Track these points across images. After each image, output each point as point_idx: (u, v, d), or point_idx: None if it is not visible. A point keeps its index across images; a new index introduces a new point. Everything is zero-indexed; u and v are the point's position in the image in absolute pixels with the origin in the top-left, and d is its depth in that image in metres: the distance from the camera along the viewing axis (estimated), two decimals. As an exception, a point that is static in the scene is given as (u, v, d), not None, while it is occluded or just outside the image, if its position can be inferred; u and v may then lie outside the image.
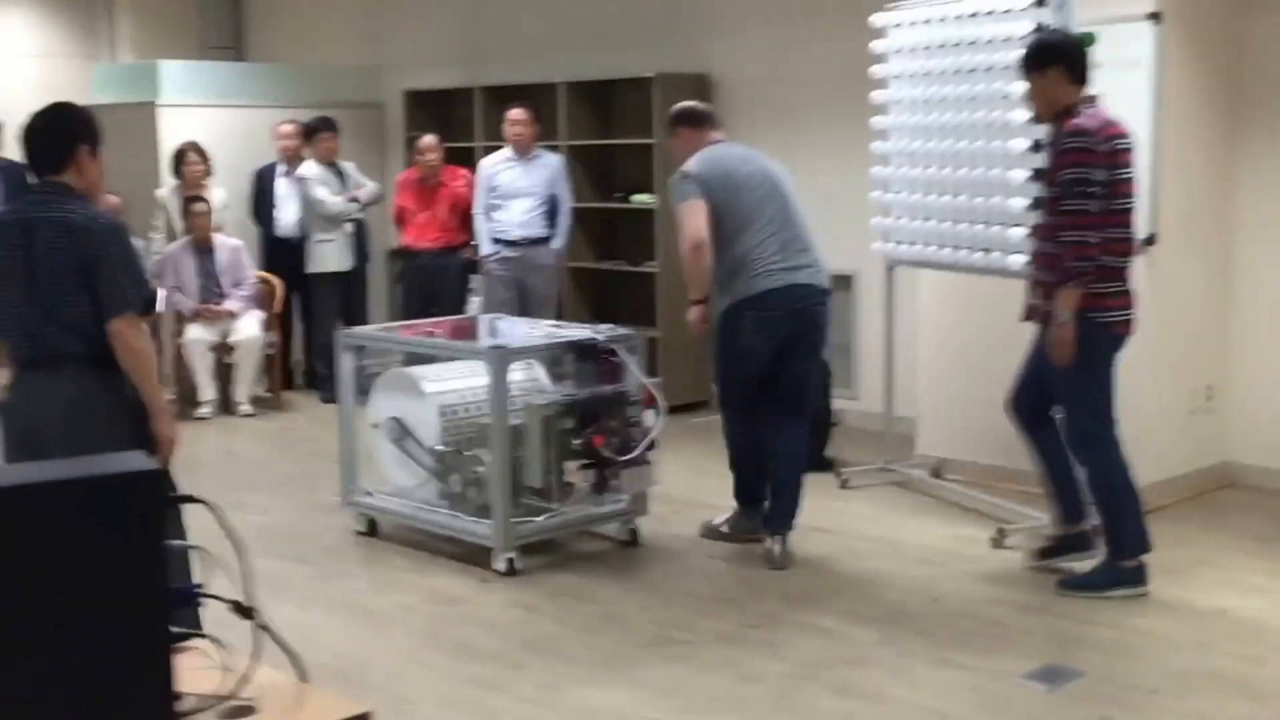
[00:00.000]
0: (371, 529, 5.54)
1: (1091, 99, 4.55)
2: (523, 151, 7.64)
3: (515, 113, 7.62)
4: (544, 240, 7.68)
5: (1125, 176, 4.49)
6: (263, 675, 2.04)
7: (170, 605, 1.84)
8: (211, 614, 2.06)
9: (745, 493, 5.35)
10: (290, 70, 9.96)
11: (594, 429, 5.00)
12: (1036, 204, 4.87)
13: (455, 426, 5.28)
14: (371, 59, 10.05)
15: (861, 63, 6.15)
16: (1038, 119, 4.77)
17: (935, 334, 6.36)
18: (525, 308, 7.46)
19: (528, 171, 7.65)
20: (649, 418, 5.17)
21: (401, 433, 5.35)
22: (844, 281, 7.28)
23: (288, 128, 8.52)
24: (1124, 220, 4.53)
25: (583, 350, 5.21)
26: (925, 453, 6.40)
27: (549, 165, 7.71)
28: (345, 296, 8.41)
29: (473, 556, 5.12)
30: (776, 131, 7.49)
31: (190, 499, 1.90)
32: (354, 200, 8.30)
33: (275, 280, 8.44)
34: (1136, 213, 4.61)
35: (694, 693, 3.95)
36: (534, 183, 7.64)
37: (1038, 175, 4.89)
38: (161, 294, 7.61)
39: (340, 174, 8.40)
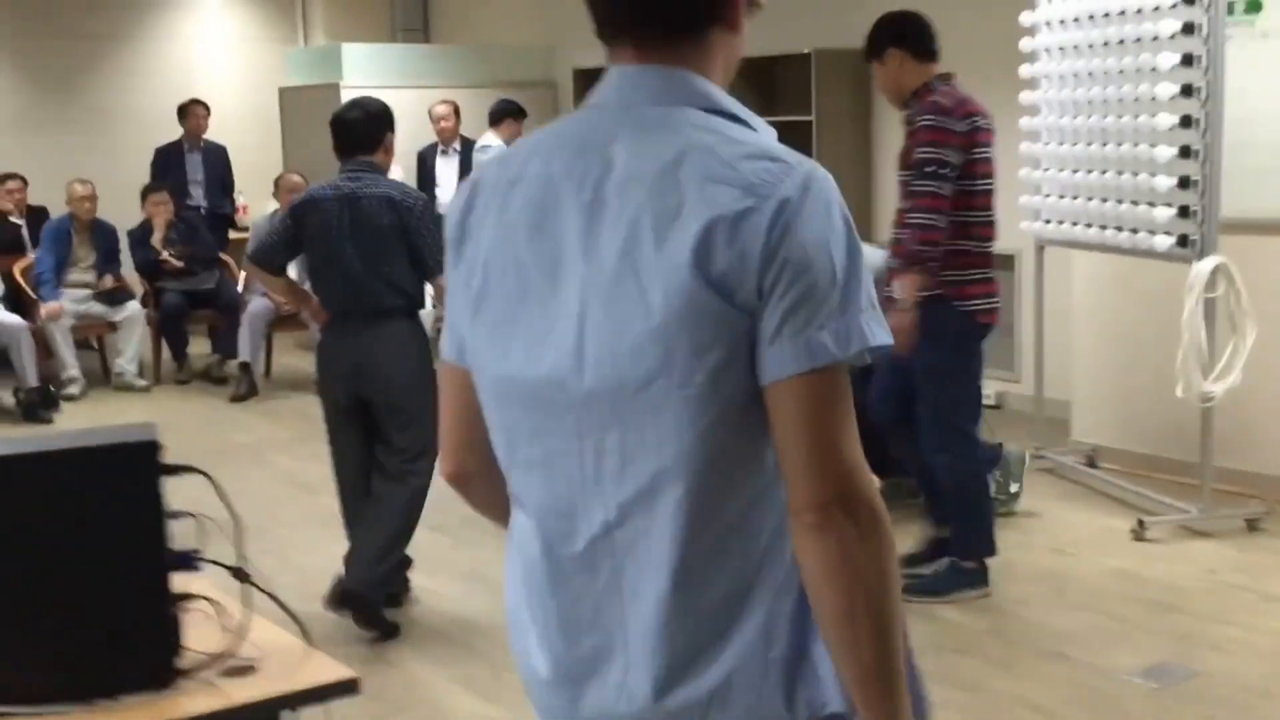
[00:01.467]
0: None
1: (946, 76, 4.29)
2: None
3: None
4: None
5: (983, 156, 4.22)
6: (268, 637, 2.15)
7: (169, 567, 1.98)
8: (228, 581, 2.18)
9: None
10: (467, 51, 10.23)
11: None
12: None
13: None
14: (548, 38, 10.23)
15: (1019, 36, 5.96)
16: (894, 105, 4.44)
17: (1091, 317, 6.13)
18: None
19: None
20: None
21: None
22: (1006, 261, 7.06)
23: (442, 108, 8.74)
24: (984, 203, 4.24)
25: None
26: (1080, 439, 6.19)
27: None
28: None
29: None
30: (937, 106, 7.31)
31: (188, 469, 2.01)
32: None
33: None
34: (994, 196, 4.32)
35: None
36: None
37: (921, 165, 4.23)
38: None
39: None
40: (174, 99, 9.95)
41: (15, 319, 7.64)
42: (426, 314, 7.38)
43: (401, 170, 8.78)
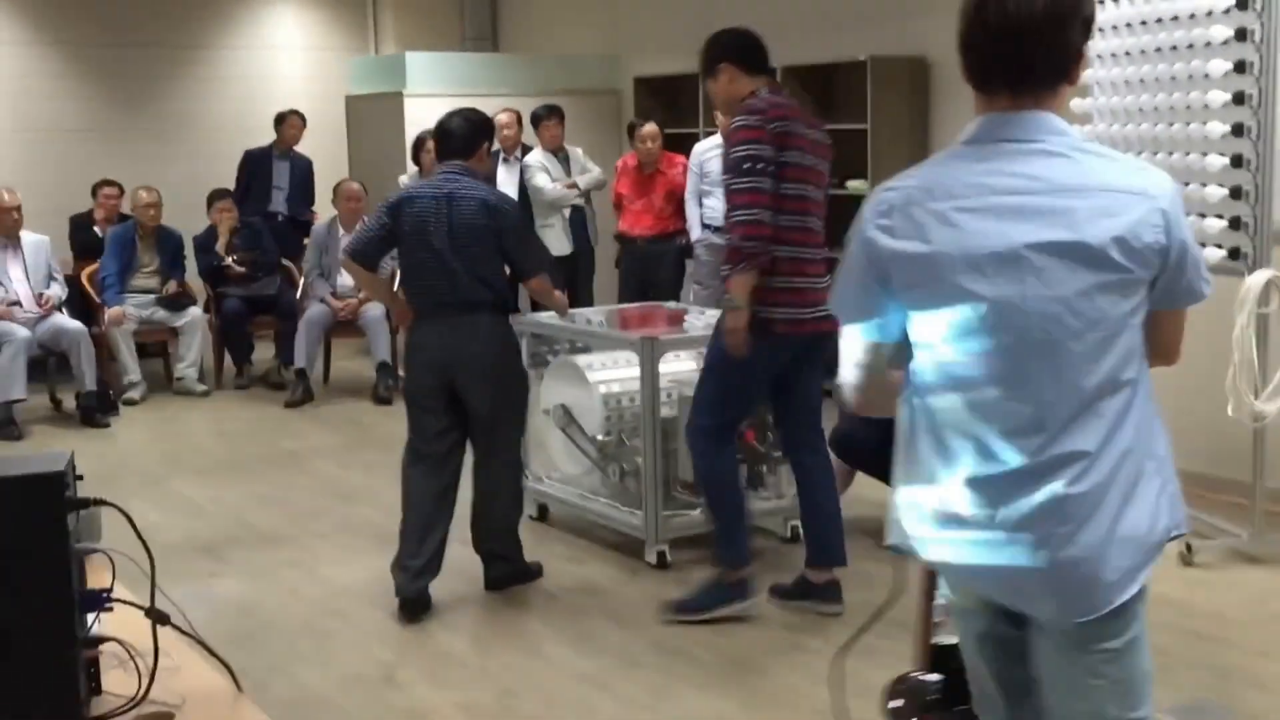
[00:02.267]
0: (542, 514, 5.52)
1: (772, 84, 4.23)
2: (732, 138, 7.47)
3: (721, 102, 7.47)
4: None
5: (794, 161, 4.06)
6: (197, 680, 2.00)
7: (77, 606, 1.82)
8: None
9: None
10: (530, 60, 10.10)
11: (747, 423, 4.80)
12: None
13: (618, 416, 5.19)
14: (613, 47, 10.07)
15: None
16: (726, 116, 4.32)
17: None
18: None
19: (739, 158, 7.46)
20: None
21: (568, 420, 5.29)
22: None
23: (505, 117, 8.60)
24: (794, 207, 4.07)
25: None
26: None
27: (758, 151, 7.50)
28: (568, 280, 8.44)
29: (630, 547, 5.03)
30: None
31: (99, 502, 1.86)
32: (572, 186, 8.31)
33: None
34: (818, 204, 4.18)
35: (801, 706, 3.74)
36: (744, 169, 7.46)
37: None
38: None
39: (565, 160, 8.43)
40: (247, 107, 9.98)
41: (75, 324, 7.64)
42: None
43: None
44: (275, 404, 8.00)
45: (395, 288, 5.20)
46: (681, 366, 5.22)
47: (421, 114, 9.10)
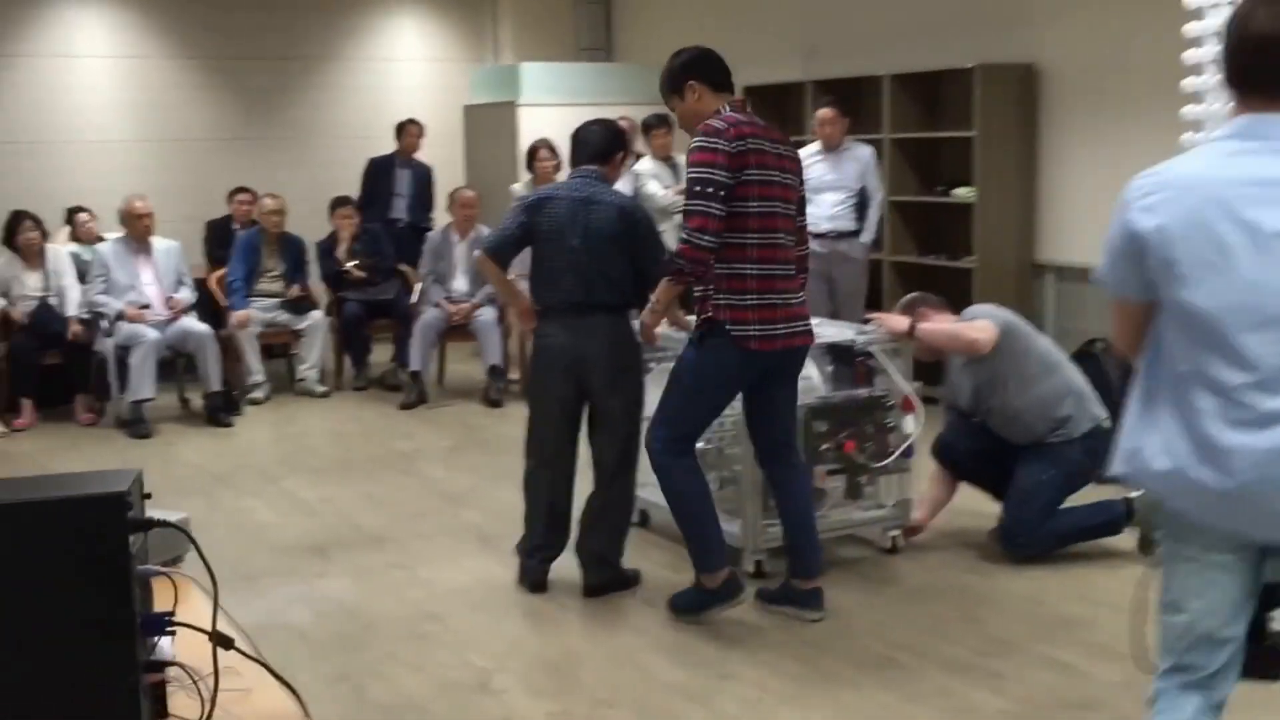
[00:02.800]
0: (643, 520, 5.46)
1: (738, 102, 4.16)
2: (832, 145, 7.33)
3: (822, 113, 7.35)
4: (852, 234, 7.35)
5: (757, 178, 3.99)
6: (266, 703, 1.96)
7: (140, 631, 1.79)
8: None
9: None
10: (640, 69, 10.04)
11: (846, 434, 4.69)
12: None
13: (718, 424, 5.08)
14: (723, 57, 9.94)
15: (1183, 48, 5.42)
16: (691, 135, 4.16)
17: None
18: (833, 302, 7.16)
19: (837, 164, 7.33)
20: (908, 424, 4.80)
21: (668, 428, 5.21)
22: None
23: (623, 124, 8.56)
24: (763, 225, 4.00)
25: (839, 352, 4.89)
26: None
27: (859, 158, 7.36)
28: (678, 286, 8.36)
29: (728, 555, 4.92)
30: (1111, 125, 6.82)
31: (161, 523, 1.83)
32: (682, 192, 8.21)
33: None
34: (788, 219, 4.11)
35: (892, 725, 3.61)
36: (843, 176, 7.33)
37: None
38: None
39: (674, 167, 8.36)
40: (369, 116, 10.09)
41: (202, 326, 7.79)
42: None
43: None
44: (391, 405, 8.07)
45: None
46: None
47: (534, 123, 9.14)
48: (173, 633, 1.83)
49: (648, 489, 5.40)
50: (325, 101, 10.70)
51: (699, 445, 5.03)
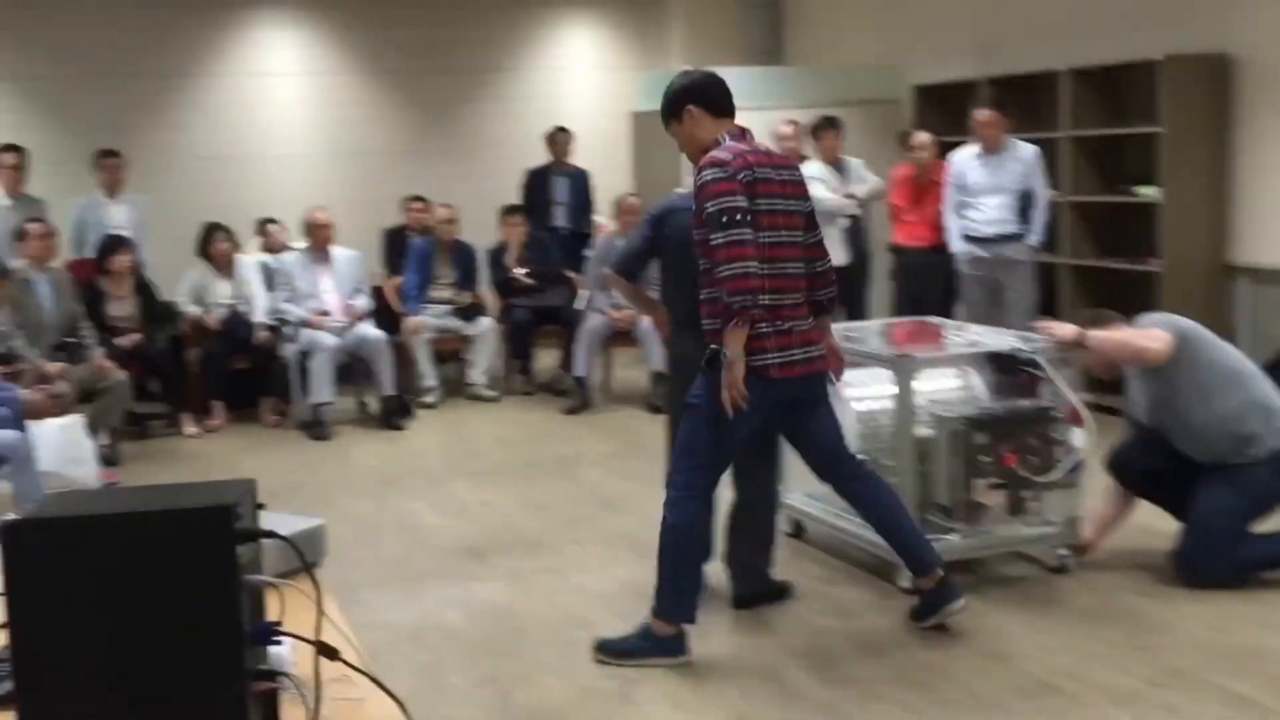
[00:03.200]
0: (797, 531, 5.34)
1: (739, 130, 4.00)
2: (993, 147, 7.05)
3: (981, 115, 7.08)
4: (1017, 237, 7.06)
5: (764, 209, 3.86)
6: (377, 712, 1.94)
7: (246, 640, 1.79)
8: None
9: None
10: (808, 71, 9.91)
11: (1008, 446, 4.48)
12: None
13: (874, 435, 4.94)
14: (893, 57, 9.75)
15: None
16: (693, 162, 4.04)
17: None
18: (1000, 308, 6.90)
19: (999, 166, 7.06)
20: (1076, 437, 4.55)
21: (825, 437, 5.08)
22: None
23: (787, 129, 8.43)
24: (771, 255, 3.88)
25: (1001, 362, 4.68)
26: None
27: (1023, 158, 7.06)
28: (844, 290, 8.18)
29: (883, 570, 4.78)
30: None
31: (269, 534, 1.82)
32: (850, 196, 8.06)
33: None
34: (795, 248, 3.99)
35: (1049, 755, 3.41)
36: (1006, 178, 7.05)
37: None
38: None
39: (843, 170, 8.20)
40: (538, 126, 10.19)
41: (377, 332, 7.98)
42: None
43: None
44: (557, 410, 8.13)
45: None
46: (942, 384, 4.94)
47: (702, 128, 9.08)
48: (279, 642, 1.83)
49: (801, 499, 5.30)
50: (498, 112, 10.87)
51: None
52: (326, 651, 1.84)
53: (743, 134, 4.03)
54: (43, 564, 1.69)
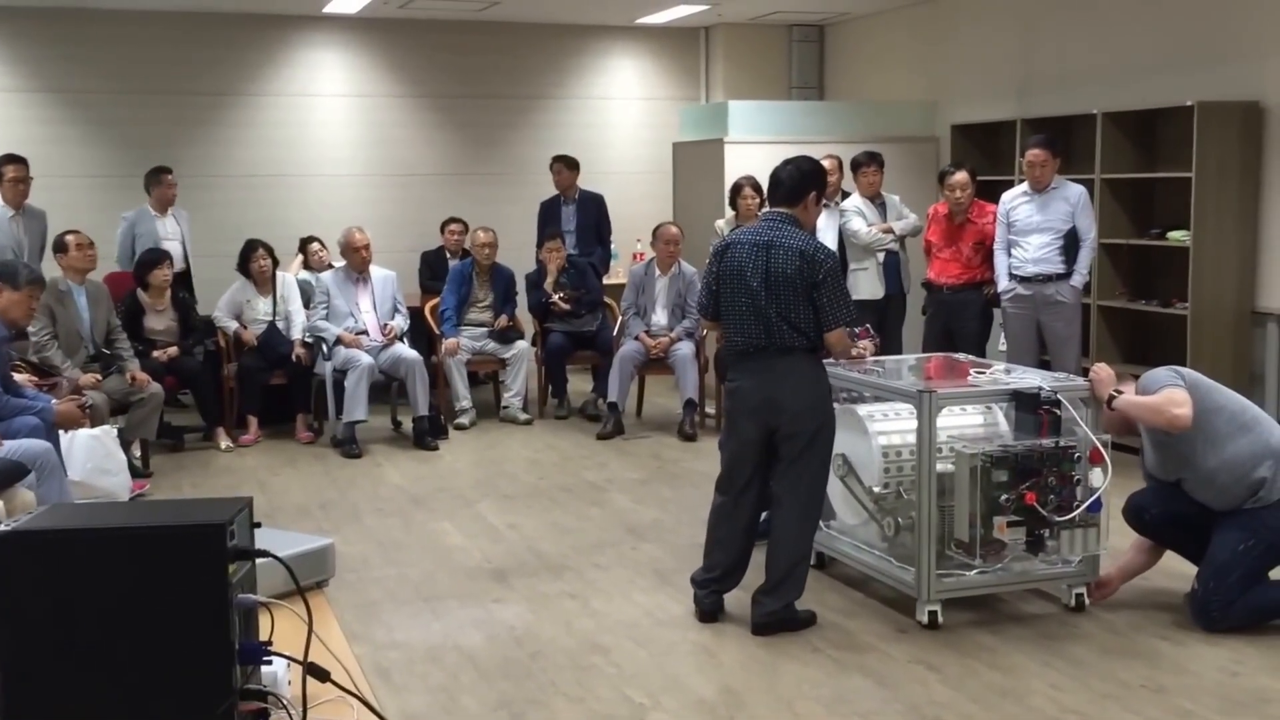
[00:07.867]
0: (819, 562, 5.31)
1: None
2: (1040, 186, 7.01)
3: (1033, 154, 7.02)
4: (1061, 276, 7.00)
5: None
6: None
7: (235, 658, 1.80)
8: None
9: None
10: (848, 107, 9.90)
11: (1028, 484, 4.44)
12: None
13: (897, 469, 4.91)
14: (933, 94, 9.73)
15: None
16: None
17: None
18: (1044, 346, 6.85)
19: (1046, 205, 7.00)
20: (1095, 476, 4.50)
21: (847, 470, 5.05)
22: None
23: (828, 163, 8.40)
24: None
25: (1023, 400, 4.64)
26: None
27: (1069, 198, 7.00)
28: (878, 324, 8.15)
29: (902, 604, 4.74)
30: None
31: (260, 553, 1.84)
32: (888, 230, 8.03)
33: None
34: None
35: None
36: (1052, 217, 6.99)
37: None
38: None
39: (882, 206, 8.17)
40: (580, 154, 10.21)
41: (413, 353, 8.02)
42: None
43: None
44: (589, 435, 8.13)
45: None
46: (965, 421, 4.91)
47: (741, 160, 9.08)
48: (269, 662, 1.84)
49: (824, 531, 5.27)
50: (541, 139, 10.92)
51: (876, 489, 4.89)
52: (316, 673, 1.85)
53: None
54: (30, 577, 1.70)
